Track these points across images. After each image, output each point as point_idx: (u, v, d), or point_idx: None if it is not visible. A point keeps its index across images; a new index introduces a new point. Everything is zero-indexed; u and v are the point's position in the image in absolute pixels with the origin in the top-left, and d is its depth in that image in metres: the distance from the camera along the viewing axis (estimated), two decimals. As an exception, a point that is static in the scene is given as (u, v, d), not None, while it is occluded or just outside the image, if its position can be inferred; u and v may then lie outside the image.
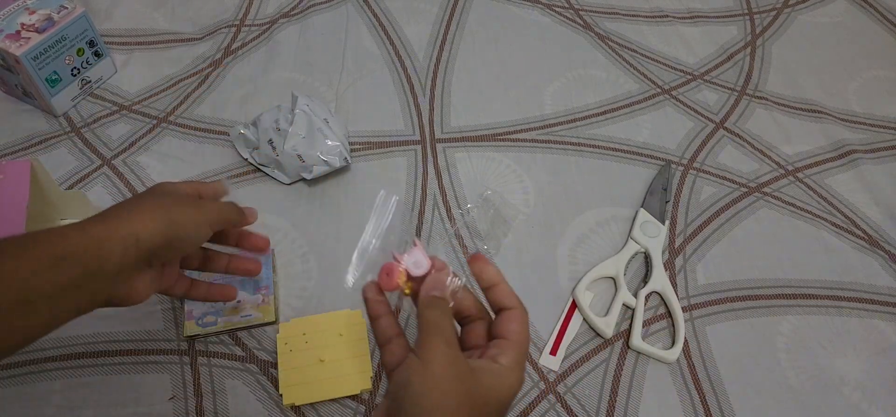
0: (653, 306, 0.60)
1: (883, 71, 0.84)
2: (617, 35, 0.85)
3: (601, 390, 0.55)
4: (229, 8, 0.84)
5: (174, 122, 0.71)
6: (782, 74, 0.82)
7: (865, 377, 0.56)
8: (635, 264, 0.63)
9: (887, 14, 0.92)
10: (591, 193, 0.68)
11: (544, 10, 0.87)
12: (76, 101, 0.71)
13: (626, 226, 0.65)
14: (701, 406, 0.54)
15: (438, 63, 0.79)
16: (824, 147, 0.74)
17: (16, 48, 0.63)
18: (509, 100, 0.76)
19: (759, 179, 0.70)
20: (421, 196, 0.66)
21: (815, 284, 0.62)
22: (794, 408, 0.54)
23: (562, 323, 0.58)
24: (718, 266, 0.63)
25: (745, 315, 0.60)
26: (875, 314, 0.61)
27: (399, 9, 0.86)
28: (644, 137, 0.73)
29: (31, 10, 0.66)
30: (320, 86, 0.76)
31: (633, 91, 0.78)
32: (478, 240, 0.63)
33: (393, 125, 0.72)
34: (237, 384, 0.53)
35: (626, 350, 0.57)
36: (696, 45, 0.85)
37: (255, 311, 0.56)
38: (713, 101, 0.78)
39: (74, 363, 0.54)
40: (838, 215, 0.68)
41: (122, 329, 0.55)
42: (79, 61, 0.70)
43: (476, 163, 0.69)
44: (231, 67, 0.77)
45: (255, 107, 0.72)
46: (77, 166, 0.66)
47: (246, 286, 0.56)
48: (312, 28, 0.82)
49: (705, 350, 0.57)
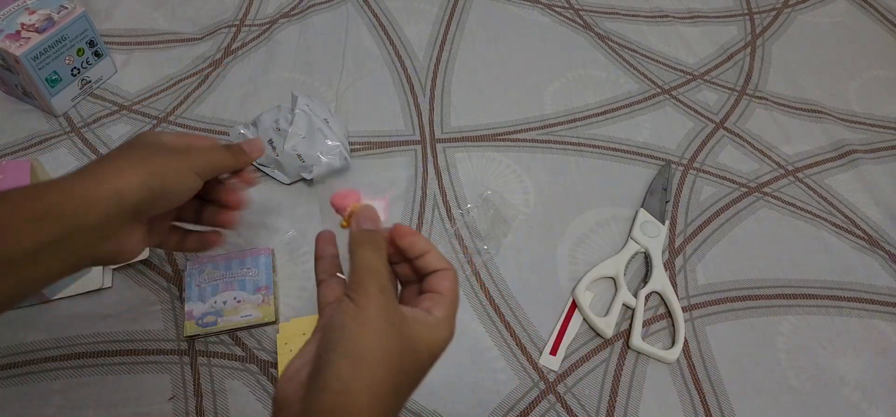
0: (653, 306, 0.60)
1: (883, 71, 0.84)
2: (617, 35, 0.85)
3: (601, 390, 0.55)
4: (229, 8, 0.84)
5: (174, 122, 0.71)
6: (782, 74, 0.82)
7: (865, 377, 0.56)
8: (635, 264, 0.63)
9: (887, 14, 0.92)
10: (591, 193, 0.68)
11: (544, 10, 0.87)
12: (76, 101, 0.71)
13: (626, 226, 0.65)
14: (701, 406, 0.54)
15: (438, 63, 0.79)
16: (824, 147, 0.74)
17: (16, 48, 0.63)
18: (509, 100, 0.76)
19: (759, 179, 0.70)
20: (421, 196, 0.66)
21: (816, 284, 0.62)
22: (795, 408, 0.54)
23: (562, 323, 0.58)
24: (718, 266, 0.63)
25: (745, 315, 0.60)
26: (875, 314, 0.61)
27: (399, 9, 0.86)
28: (644, 137, 0.73)
29: (31, 9, 0.66)
30: (320, 86, 0.76)
31: (633, 91, 0.78)
32: (478, 240, 0.63)
33: (393, 125, 0.72)
34: (237, 384, 0.53)
35: (626, 350, 0.57)
36: (696, 46, 0.85)
37: (255, 311, 0.56)
38: (713, 101, 0.78)
39: (74, 363, 0.54)
40: (838, 215, 0.68)
41: (122, 329, 0.55)
42: (79, 61, 0.70)
43: (476, 163, 0.69)
44: (231, 67, 0.77)
45: (255, 107, 0.72)
46: (77, 166, 0.66)
47: (246, 286, 0.57)
48: (312, 28, 0.82)
49: (705, 350, 0.57)
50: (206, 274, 0.57)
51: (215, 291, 0.56)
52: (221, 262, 0.58)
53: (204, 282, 0.56)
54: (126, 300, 0.57)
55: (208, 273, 0.57)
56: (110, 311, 0.56)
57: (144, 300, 0.57)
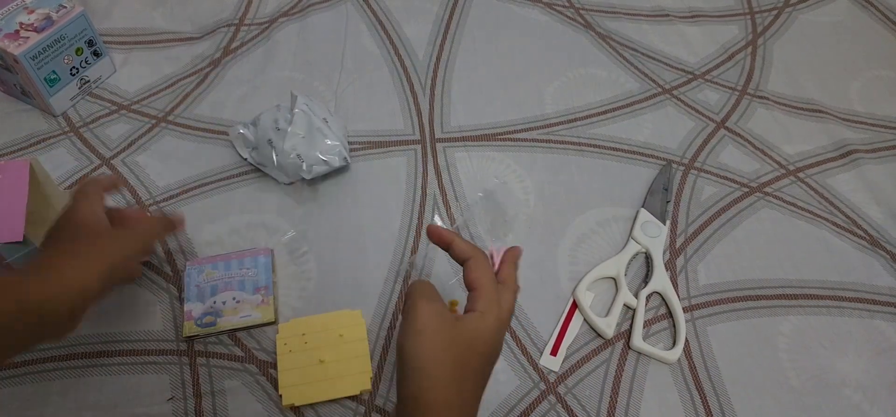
0: (654, 306, 0.60)
1: (884, 71, 0.84)
2: (618, 34, 0.85)
3: (602, 390, 0.55)
4: (228, 7, 0.83)
5: (173, 121, 0.71)
6: (783, 74, 0.82)
7: (866, 377, 0.56)
8: (636, 264, 0.63)
9: (888, 14, 0.91)
10: (592, 193, 0.68)
11: (545, 10, 0.87)
12: (75, 100, 0.71)
13: (627, 226, 0.65)
14: (702, 406, 0.54)
15: (438, 62, 0.79)
16: (825, 147, 0.74)
17: (14, 48, 0.63)
18: (509, 99, 0.76)
19: (760, 179, 0.70)
20: (421, 196, 0.66)
21: (816, 284, 0.62)
22: (795, 408, 0.54)
23: (562, 324, 0.58)
24: (719, 266, 0.63)
25: (746, 316, 0.60)
26: (876, 314, 0.60)
27: (399, 8, 0.85)
28: (645, 137, 0.73)
29: (30, 9, 0.66)
30: (319, 85, 0.76)
31: (634, 90, 0.78)
32: (478, 241, 0.63)
33: (392, 125, 0.72)
34: (236, 384, 0.53)
35: (626, 351, 0.57)
36: (697, 45, 0.84)
37: (254, 311, 0.55)
38: (714, 100, 0.78)
39: (74, 363, 0.53)
40: (839, 215, 0.68)
41: (122, 329, 0.55)
42: (77, 61, 0.69)
43: (476, 163, 0.69)
44: (230, 67, 0.77)
45: (254, 106, 0.72)
46: (76, 166, 0.66)
47: (245, 287, 0.56)
48: (312, 27, 0.82)
49: (706, 351, 0.57)
50: (206, 275, 0.57)
51: (214, 291, 0.56)
52: (221, 262, 0.58)
53: (203, 282, 0.56)
54: (125, 301, 0.57)
55: (207, 274, 0.57)
56: (110, 311, 0.56)
57: (144, 300, 0.57)
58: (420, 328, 0.37)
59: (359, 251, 0.62)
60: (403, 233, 0.63)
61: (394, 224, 0.64)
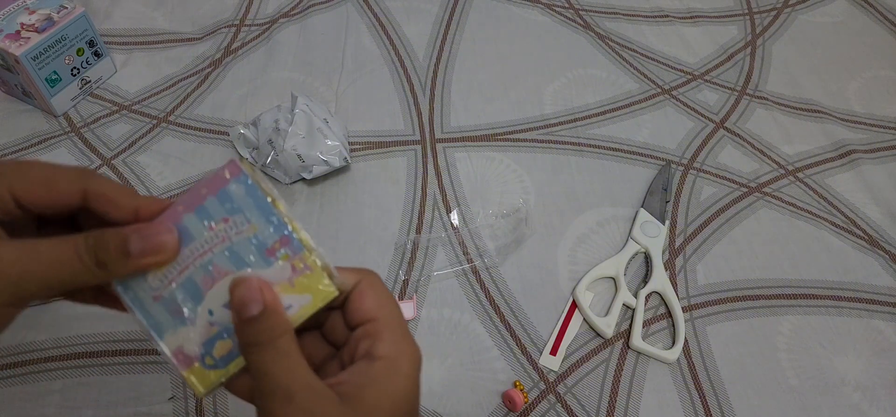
0: (653, 306, 0.60)
1: (883, 71, 0.84)
2: (617, 35, 0.85)
3: (601, 390, 0.55)
4: (229, 7, 0.84)
5: (174, 122, 0.71)
6: (782, 74, 0.82)
7: (866, 377, 0.56)
8: (635, 264, 0.63)
9: (888, 14, 0.92)
10: (591, 193, 0.68)
11: (544, 10, 0.87)
12: (76, 101, 0.71)
13: (627, 226, 0.65)
14: (701, 406, 0.54)
15: (438, 63, 0.79)
16: (825, 147, 0.74)
17: (15, 48, 0.63)
18: (509, 100, 0.76)
19: (759, 179, 0.70)
20: (421, 196, 0.66)
21: (816, 284, 0.62)
22: (795, 408, 0.54)
23: (562, 323, 0.58)
24: (719, 266, 0.63)
25: (745, 315, 0.60)
26: (875, 314, 0.61)
27: (399, 8, 0.86)
28: (644, 137, 0.73)
29: (31, 9, 0.66)
30: (320, 86, 0.76)
31: (633, 91, 0.78)
32: (483, 249, 0.63)
33: (393, 125, 0.72)
34: (237, 384, 0.53)
35: (626, 351, 0.57)
36: (696, 45, 0.85)
37: (290, 295, 0.55)
38: (713, 101, 0.78)
39: (74, 363, 0.53)
40: (838, 215, 0.68)
41: (122, 329, 0.55)
42: (78, 61, 0.69)
43: (476, 163, 0.69)
44: (231, 67, 0.77)
45: (254, 107, 0.72)
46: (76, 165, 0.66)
47: (243, 258, 0.56)
48: (312, 28, 0.82)
49: (705, 350, 0.57)
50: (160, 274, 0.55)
51: (196, 292, 0.55)
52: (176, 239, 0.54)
53: (161, 286, 0.55)
54: (126, 300, 0.57)
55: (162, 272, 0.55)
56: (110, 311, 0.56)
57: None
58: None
59: (359, 251, 0.62)
60: (403, 233, 0.63)
61: (394, 224, 0.64)
